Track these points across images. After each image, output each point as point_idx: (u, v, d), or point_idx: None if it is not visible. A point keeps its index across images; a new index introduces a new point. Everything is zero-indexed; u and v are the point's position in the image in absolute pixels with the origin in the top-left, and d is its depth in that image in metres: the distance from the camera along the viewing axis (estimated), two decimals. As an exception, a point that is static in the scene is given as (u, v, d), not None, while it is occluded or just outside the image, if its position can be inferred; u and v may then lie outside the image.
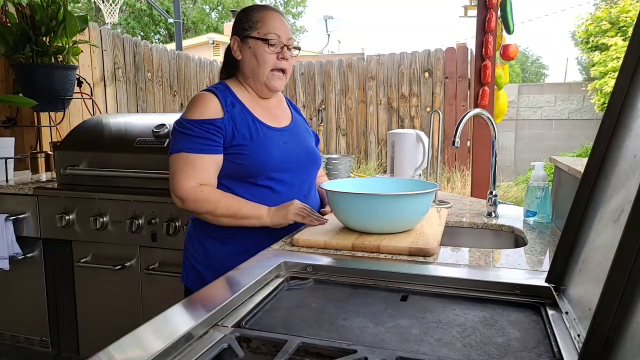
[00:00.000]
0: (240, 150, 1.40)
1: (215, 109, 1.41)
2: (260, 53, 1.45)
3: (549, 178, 1.56)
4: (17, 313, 2.37)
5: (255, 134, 1.42)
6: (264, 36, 1.44)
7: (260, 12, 1.47)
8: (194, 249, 1.48)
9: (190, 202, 1.37)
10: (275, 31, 1.45)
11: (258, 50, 1.45)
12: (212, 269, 1.42)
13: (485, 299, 0.93)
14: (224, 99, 1.43)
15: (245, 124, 1.43)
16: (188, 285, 1.49)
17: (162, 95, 5.71)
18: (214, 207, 1.36)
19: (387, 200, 1.25)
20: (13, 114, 3.13)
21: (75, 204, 2.19)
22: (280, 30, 1.46)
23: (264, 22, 1.45)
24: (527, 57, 27.16)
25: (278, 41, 1.45)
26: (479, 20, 3.49)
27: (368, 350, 0.72)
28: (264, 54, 1.45)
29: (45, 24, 2.67)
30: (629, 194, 0.65)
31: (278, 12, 1.50)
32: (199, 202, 1.36)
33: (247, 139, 1.41)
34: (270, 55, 1.45)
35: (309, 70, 7.49)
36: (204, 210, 1.37)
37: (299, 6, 21.43)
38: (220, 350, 0.73)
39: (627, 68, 0.75)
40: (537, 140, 8.91)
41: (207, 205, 1.36)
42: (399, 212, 1.26)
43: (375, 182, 1.56)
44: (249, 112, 1.46)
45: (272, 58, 1.45)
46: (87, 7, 15.73)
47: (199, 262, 1.46)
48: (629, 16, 8.62)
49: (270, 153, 1.42)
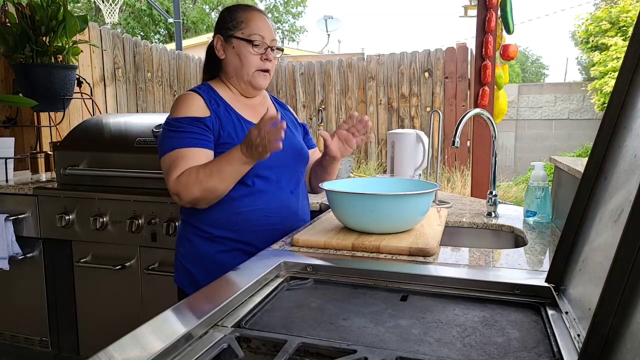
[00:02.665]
0: (226, 149, 1.39)
1: (202, 108, 1.41)
2: (244, 54, 1.45)
3: (549, 178, 1.56)
4: (17, 313, 2.37)
5: (241, 132, 1.42)
6: (248, 37, 1.44)
7: (244, 12, 1.47)
8: (184, 249, 1.48)
9: (183, 191, 1.32)
10: (259, 32, 1.45)
11: (242, 51, 1.45)
12: (203, 267, 1.43)
13: (485, 299, 0.93)
14: (208, 99, 1.43)
15: (230, 122, 1.43)
16: (180, 285, 1.49)
17: (162, 95, 5.71)
18: (198, 180, 1.31)
19: (388, 200, 1.24)
20: (13, 114, 3.13)
21: (75, 204, 2.19)
22: (264, 31, 1.46)
23: (248, 23, 1.45)
24: (527, 57, 27.15)
25: (262, 42, 1.45)
26: (479, 20, 3.49)
27: (368, 350, 0.72)
28: (248, 55, 1.45)
29: (45, 24, 2.67)
30: (629, 194, 0.65)
31: (262, 13, 1.50)
32: (189, 184, 1.31)
33: (232, 138, 1.41)
34: (254, 56, 1.45)
35: (309, 70, 7.49)
36: (197, 190, 1.31)
37: (299, 6, 21.42)
38: (220, 350, 0.73)
39: (627, 68, 0.75)
40: (537, 140, 8.91)
41: (195, 183, 1.31)
42: (399, 212, 1.26)
43: (375, 182, 1.56)
44: (234, 111, 1.46)
45: (256, 59, 1.45)
46: (87, 7, 15.72)
47: (189, 261, 1.46)
48: (629, 16, 8.62)
49: None
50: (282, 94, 7.55)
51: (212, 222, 1.42)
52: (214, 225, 1.42)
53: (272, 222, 1.44)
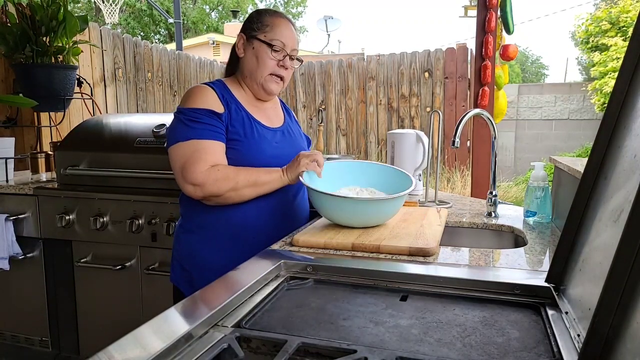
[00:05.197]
0: (232, 145, 1.40)
1: (217, 102, 1.42)
2: (262, 56, 1.46)
3: (549, 178, 1.56)
4: (17, 313, 2.37)
5: (249, 130, 1.43)
6: (270, 41, 1.45)
7: (272, 17, 1.49)
8: (180, 248, 1.48)
9: (210, 185, 1.33)
10: (282, 39, 1.46)
11: (260, 53, 1.46)
12: (199, 267, 1.43)
13: (485, 299, 0.93)
14: (221, 94, 1.44)
15: (240, 120, 1.43)
16: (176, 284, 1.50)
17: (162, 95, 5.71)
18: (234, 182, 1.34)
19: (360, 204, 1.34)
20: (13, 114, 3.13)
21: (75, 204, 2.19)
22: (287, 39, 1.47)
23: (273, 28, 1.46)
24: (527, 57, 27.15)
25: (282, 49, 1.46)
26: (479, 20, 3.49)
27: (368, 350, 0.72)
28: (266, 58, 1.45)
29: (45, 24, 2.67)
30: (629, 194, 0.65)
31: (290, 22, 1.51)
32: (219, 180, 1.33)
33: (240, 135, 1.41)
34: (272, 60, 1.46)
35: (309, 71, 7.49)
36: (227, 188, 1.34)
37: (299, 6, 21.43)
38: (220, 350, 0.73)
39: (627, 68, 0.75)
40: (537, 140, 8.91)
41: (228, 182, 1.34)
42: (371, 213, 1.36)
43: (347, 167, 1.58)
44: (244, 109, 1.46)
45: (273, 63, 1.46)
46: (87, 7, 15.73)
47: (185, 260, 1.46)
48: (629, 16, 8.62)
49: (262, 151, 1.43)
50: (283, 94, 7.55)
51: (210, 222, 1.42)
52: (212, 224, 1.42)
53: (271, 222, 1.44)
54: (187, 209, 1.47)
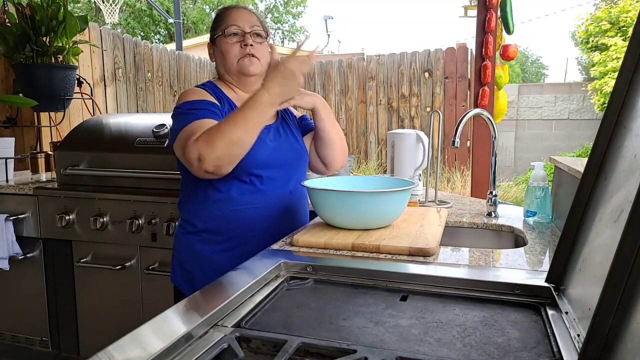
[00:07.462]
0: None
1: (212, 99, 1.42)
2: (225, 48, 1.46)
3: (549, 178, 1.56)
4: (17, 313, 2.37)
5: None
6: (225, 30, 1.46)
7: (222, 11, 1.51)
8: (180, 248, 1.48)
9: (206, 151, 1.24)
10: (235, 22, 1.46)
11: (223, 46, 1.47)
12: (199, 267, 1.43)
13: (485, 299, 0.93)
14: (214, 93, 1.45)
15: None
16: (176, 284, 1.49)
17: (162, 95, 5.71)
18: (222, 134, 1.25)
19: (362, 197, 1.30)
20: (13, 114, 3.13)
21: (75, 204, 2.19)
22: (240, 21, 1.46)
23: (225, 18, 1.48)
24: (527, 57, 27.15)
25: (239, 31, 1.46)
26: (479, 20, 3.49)
27: (368, 350, 0.72)
28: (228, 47, 1.46)
29: (45, 24, 2.67)
30: (629, 194, 0.65)
31: (240, 7, 1.52)
32: (211, 140, 1.24)
33: None
34: (233, 45, 1.46)
35: (308, 71, 7.49)
36: (222, 144, 1.24)
37: (299, 6, 21.41)
38: (220, 350, 0.73)
39: (627, 68, 0.75)
40: (537, 140, 8.91)
41: (219, 138, 1.24)
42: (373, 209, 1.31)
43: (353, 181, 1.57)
44: (236, 107, 1.46)
45: (236, 48, 1.46)
46: (87, 7, 15.72)
47: (186, 260, 1.46)
48: (629, 16, 8.63)
49: (255, 149, 1.41)
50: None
51: (210, 221, 1.42)
52: (211, 224, 1.42)
53: (270, 222, 1.44)
54: (187, 209, 1.47)
